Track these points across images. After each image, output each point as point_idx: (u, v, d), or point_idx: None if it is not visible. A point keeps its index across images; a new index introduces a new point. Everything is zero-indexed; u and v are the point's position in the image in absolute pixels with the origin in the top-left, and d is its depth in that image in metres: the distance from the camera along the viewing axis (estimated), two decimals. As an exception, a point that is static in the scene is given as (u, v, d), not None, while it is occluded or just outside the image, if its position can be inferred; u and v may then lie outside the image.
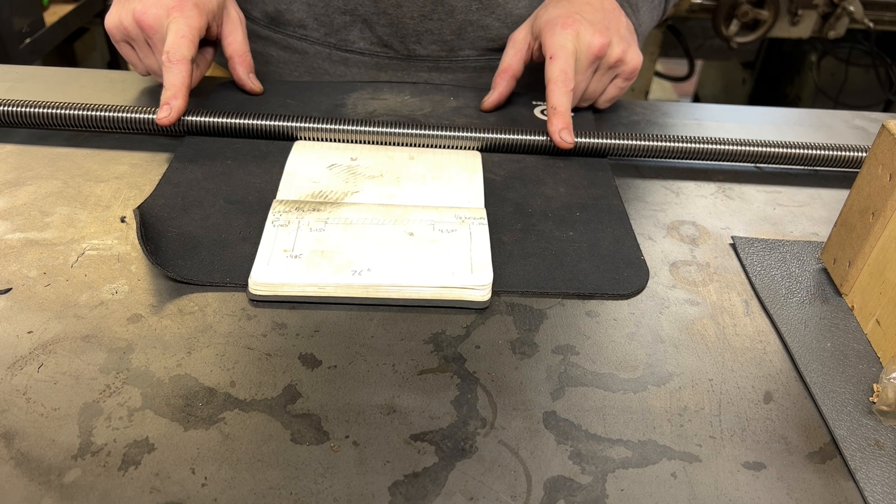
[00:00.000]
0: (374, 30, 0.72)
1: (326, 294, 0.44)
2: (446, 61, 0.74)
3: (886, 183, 0.43)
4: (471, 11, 0.70)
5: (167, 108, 0.57)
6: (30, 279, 0.44)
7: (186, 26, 0.59)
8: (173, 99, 0.58)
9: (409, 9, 0.70)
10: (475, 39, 0.73)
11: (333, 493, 0.33)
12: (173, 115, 0.57)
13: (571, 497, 0.34)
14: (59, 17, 1.76)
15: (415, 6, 0.70)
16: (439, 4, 0.69)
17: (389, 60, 0.74)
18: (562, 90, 0.60)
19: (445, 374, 0.40)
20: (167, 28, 0.59)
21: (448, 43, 0.73)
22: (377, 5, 0.70)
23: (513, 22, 0.71)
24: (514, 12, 0.71)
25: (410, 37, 0.72)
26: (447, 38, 0.72)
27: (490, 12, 0.71)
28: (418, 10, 0.70)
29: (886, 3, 1.92)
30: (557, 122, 0.60)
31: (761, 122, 0.73)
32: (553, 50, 0.61)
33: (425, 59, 0.74)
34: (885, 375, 0.39)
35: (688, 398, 0.40)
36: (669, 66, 2.52)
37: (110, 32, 0.62)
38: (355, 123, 0.60)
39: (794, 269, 0.50)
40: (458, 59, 0.75)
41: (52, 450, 0.34)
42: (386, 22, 0.71)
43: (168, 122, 0.57)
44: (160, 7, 0.59)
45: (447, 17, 0.70)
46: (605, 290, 0.46)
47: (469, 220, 0.50)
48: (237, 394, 0.38)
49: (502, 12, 0.71)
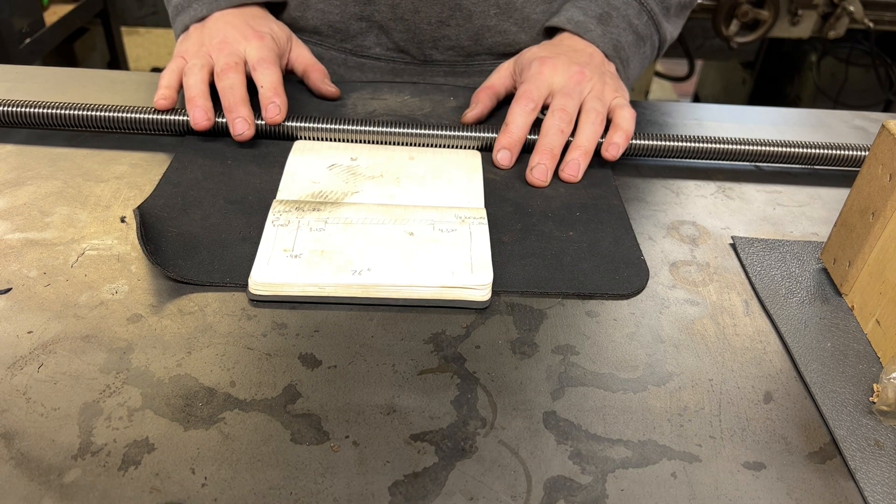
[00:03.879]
0: (391, 36, 0.71)
1: (326, 294, 0.44)
2: (462, 65, 0.74)
3: (886, 183, 0.43)
4: (488, 17, 0.70)
5: (274, 106, 0.58)
6: (30, 279, 0.44)
7: (271, 51, 0.62)
8: (276, 96, 0.59)
9: (426, 14, 0.69)
10: (493, 45, 0.72)
11: (333, 493, 0.33)
12: (283, 112, 0.59)
13: (571, 497, 0.34)
14: (59, 17, 1.76)
15: (432, 12, 0.69)
16: (457, 10, 0.69)
17: (406, 66, 0.74)
18: (518, 109, 0.60)
19: (445, 374, 0.40)
20: (246, 48, 0.62)
21: (465, 48, 0.72)
22: (394, 11, 0.69)
23: (530, 26, 0.71)
24: (532, 17, 0.71)
25: (427, 42, 0.72)
26: (464, 44, 0.72)
27: (508, 17, 0.70)
28: (436, 16, 0.69)
29: (886, 3, 1.92)
30: (503, 138, 0.59)
31: (761, 122, 0.73)
32: (526, 76, 0.62)
33: (441, 64, 0.74)
34: (885, 375, 0.39)
35: (688, 398, 0.40)
36: (669, 66, 2.52)
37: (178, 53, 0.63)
38: (355, 123, 0.60)
39: (794, 269, 0.50)
40: (475, 63, 0.74)
41: (52, 450, 0.34)
42: (402, 28, 0.70)
43: (279, 119, 0.58)
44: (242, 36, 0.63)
45: (465, 23, 0.70)
46: (605, 290, 0.46)
47: (469, 219, 0.50)
48: (237, 394, 0.38)
49: (520, 17, 0.70)
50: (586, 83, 0.61)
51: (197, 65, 0.60)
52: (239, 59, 0.61)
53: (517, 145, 0.59)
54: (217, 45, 0.62)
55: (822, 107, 1.97)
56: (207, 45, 0.62)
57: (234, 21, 0.64)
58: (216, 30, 0.63)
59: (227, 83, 0.59)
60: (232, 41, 0.62)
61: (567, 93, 0.60)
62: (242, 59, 0.61)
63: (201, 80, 0.59)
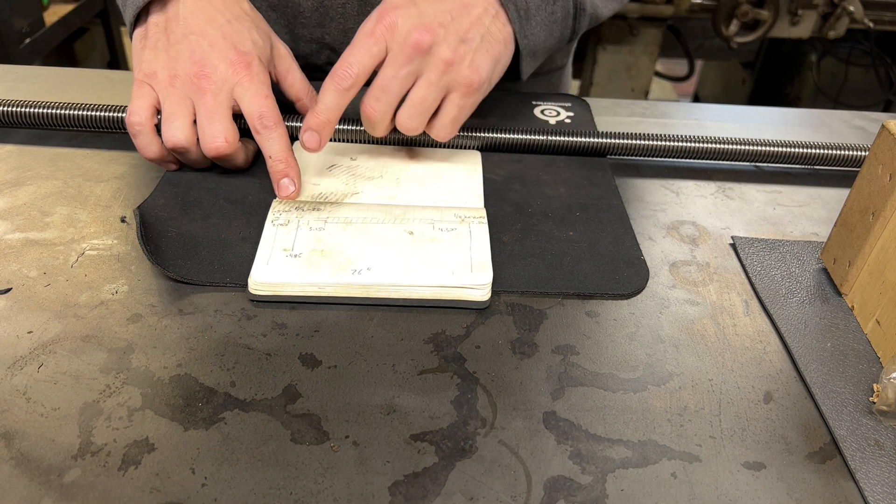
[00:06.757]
0: None
1: (326, 294, 0.44)
2: None
3: (886, 183, 0.43)
4: None
5: (288, 182, 0.51)
6: (30, 279, 0.44)
7: (264, 85, 0.52)
8: (288, 169, 0.51)
9: None
10: None
11: (333, 493, 0.33)
12: (297, 188, 0.51)
13: (571, 497, 0.34)
14: (59, 17, 1.76)
15: None
16: None
17: None
18: (330, 85, 0.50)
19: (445, 374, 0.40)
20: (234, 86, 0.51)
21: None
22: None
23: None
24: None
25: None
26: None
27: None
28: None
29: (886, 3, 1.92)
30: (310, 118, 0.51)
31: (761, 122, 0.73)
32: (356, 35, 0.51)
33: None
34: (885, 375, 0.39)
35: (688, 398, 0.40)
36: (669, 66, 2.52)
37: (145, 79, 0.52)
38: (355, 123, 0.60)
39: (794, 269, 0.50)
40: None
41: (52, 450, 0.34)
42: None
43: (296, 197, 0.51)
44: (223, 60, 0.51)
45: None
46: (605, 290, 0.46)
47: (469, 219, 0.50)
48: (237, 394, 0.38)
49: None
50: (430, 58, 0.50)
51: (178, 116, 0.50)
52: (227, 106, 0.51)
53: (328, 125, 0.51)
54: (195, 75, 0.51)
55: (822, 107, 1.97)
56: (182, 75, 0.51)
57: (206, 27, 0.52)
58: (187, 44, 0.52)
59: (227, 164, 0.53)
60: (211, 70, 0.51)
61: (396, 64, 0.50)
62: (230, 103, 0.52)
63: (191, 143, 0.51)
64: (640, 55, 2.06)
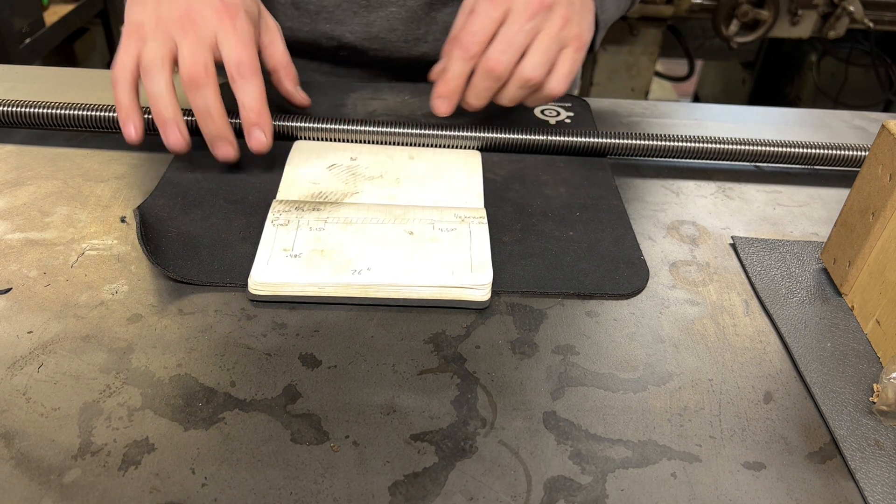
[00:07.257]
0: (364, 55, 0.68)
1: (326, 294, 0.44)
2: None
3: (886, 183, 0.43)
4: None
5: (259, 133, 0.51)
6: (30, 279, 0.44)
7: (247, 35, 0.52)
8: (259, 120, 0.51)
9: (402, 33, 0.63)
10: None
11: (333, 493, 0.33)
12: (269, 140, 0.52)
13: (571, 497, 0.34)
14: (59, 17, 1.76)
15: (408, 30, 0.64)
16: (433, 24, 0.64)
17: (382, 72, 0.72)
18: (458, 54, 0.53)
19: (445, 374, 0.40)
20: (217, 31, 0.51)
21: None
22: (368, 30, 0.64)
23: None
24: None
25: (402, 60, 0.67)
26: None
27: None
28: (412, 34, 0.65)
29: (886, 3, 1.92)
30: (440, 86, 0.54)
31: (761, 122, 0.73)
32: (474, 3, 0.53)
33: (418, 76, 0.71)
34: (885, 375, 0.39)
35: (688, 398, 0.40)
36: (669, 66, 2.52)
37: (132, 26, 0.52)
38: (355, 123, 0.60)
39: (794, 269, 0.50)
40: None
41: (52, 450, 0.34)
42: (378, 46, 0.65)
43: (264, 150, 0.52)
44: (209, 6, 0.51)
45: (441, 38, 0.66)
46: (605, 290, 0.46)
47: (469, 219, 0.50)
48: (237, 394, 0.38)
49: None
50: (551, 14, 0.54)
51: (157, 59, 0.50)
52: (208, 53, 0.50)
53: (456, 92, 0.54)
54: (179, 20, 0.51)
55: (822, 107, 1.97)
56: (167, 19, 0.51)
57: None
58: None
59: (200, 104, 0.50)
60: (198, 17, 0.51)
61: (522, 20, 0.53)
62: (212, 47, 0.51)
63: (167, 90, 0.50)
64: (640, 55, 2.07)
